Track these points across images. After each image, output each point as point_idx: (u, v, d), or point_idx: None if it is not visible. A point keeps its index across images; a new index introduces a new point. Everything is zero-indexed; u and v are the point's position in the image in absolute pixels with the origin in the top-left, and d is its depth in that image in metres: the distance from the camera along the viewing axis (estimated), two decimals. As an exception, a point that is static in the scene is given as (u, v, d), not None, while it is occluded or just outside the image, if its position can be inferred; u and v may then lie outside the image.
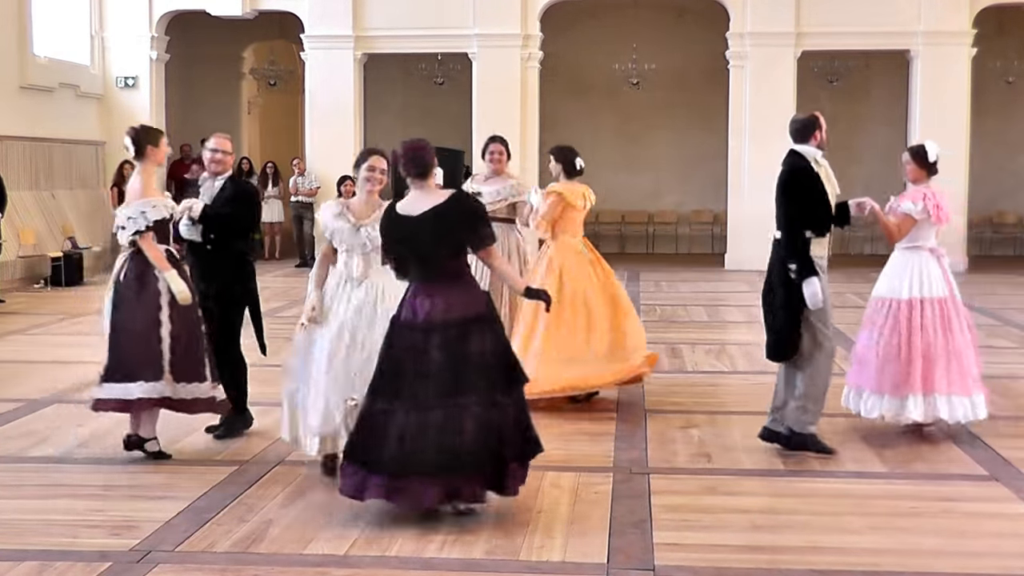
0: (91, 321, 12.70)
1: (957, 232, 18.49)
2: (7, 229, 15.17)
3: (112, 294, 6.58)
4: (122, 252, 6.65)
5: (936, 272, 7.21)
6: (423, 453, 5.32)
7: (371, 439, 5.42)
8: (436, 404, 5.36)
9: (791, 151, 6.76)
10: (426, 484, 5.33)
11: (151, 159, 6.66)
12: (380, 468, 5.37)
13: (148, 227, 6.47)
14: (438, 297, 5.46)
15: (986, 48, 19.11)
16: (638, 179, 22.17)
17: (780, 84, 18.59)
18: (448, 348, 5.40)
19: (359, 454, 5.43)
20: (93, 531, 5.39)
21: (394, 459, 5.35)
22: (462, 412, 5.35)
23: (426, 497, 5.36)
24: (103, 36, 19.25)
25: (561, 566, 4.94)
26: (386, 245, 5.73)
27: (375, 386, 5.50)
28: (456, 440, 5.33)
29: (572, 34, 21.16)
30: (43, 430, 7.41)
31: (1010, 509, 5.82)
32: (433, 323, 5.43)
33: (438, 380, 5.37)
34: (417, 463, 5.33)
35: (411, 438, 5.35)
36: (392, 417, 5.39)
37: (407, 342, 5.46)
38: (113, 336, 6.53)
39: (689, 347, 10.78)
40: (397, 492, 5.36)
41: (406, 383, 5.42)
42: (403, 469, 5.34)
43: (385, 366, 5.49)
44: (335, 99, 18.99)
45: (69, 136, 18.05)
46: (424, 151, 5.64)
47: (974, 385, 7.15)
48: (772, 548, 5.17)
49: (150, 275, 6.49)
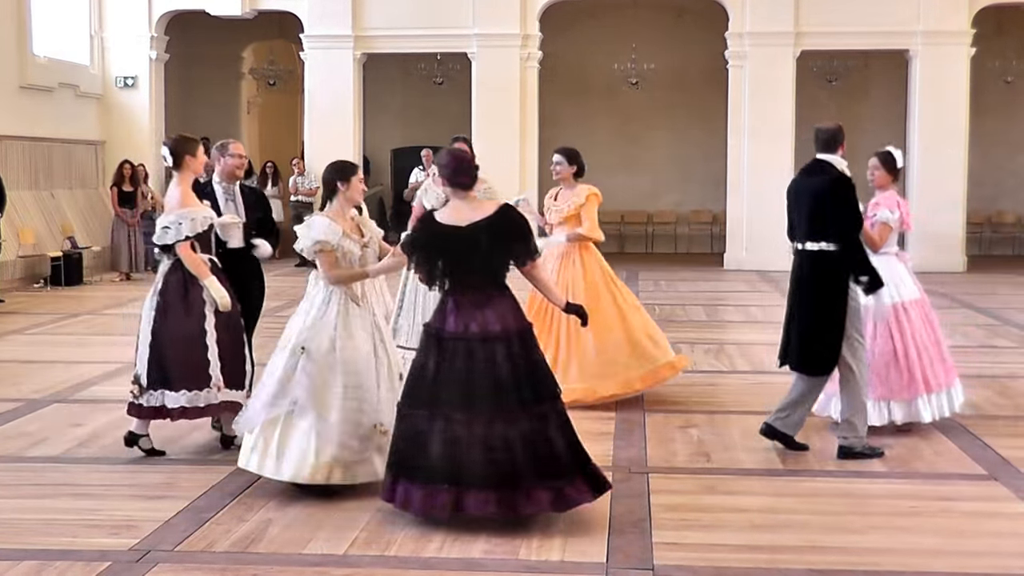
0: (91, 321, 12.71)
1: (956, 232, 18.54)
2: (7, 229, 15.17)
3: (155, 301, 6.59)
4: (164, 260, 6.69)
5: (907, 276, 7.30)
6: (474, 465, 5.27)
7: (415, 450, 5.36)
8: (486, 416, 5.31)
9: (820, 161, 6.69)
10: (479, 494, 5.26)
11: (189, 168, 6.67)
12: (431, 478, 5.30)
13: (187, 237, 6.49)
14: (488, 310, 5.41)
15: (985, 48, 19.11)
16: (637, 179, 22.16)
17: (779, 84, 18.60)
18: (503, 359, 5.36)
19: (406, 467, 5.38)
20: (92, 531, 5.39)
21: (443, 470, 5.28)
22: (511, 425, 5.31)
23: (480, 506, 5.26)
24: (102, 36, 19.25)
25: (560, 565, 4.94)
26: (423, 255, 5.53)
27: (416, 397, 5.43)
28: (504, 453, 5.29)
29: (571, 34, 21.16)
30: (42, 430, 7.40)
31: (1009, 509, 5.82)
32: (489, 335, 5.38)
33: (488, 391, 5.34)
34: (469, 474, 5.27)
35: (459, 449, 5.29)
36: (434, 427, 5.33)
37: (454, 354, 5.38)
38: (155, 344, 6.54)
39: (688, 347, 10.77)
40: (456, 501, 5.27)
41: (453, 394, 5.35)
42: (455, 480, 5.27)
43: (430, 378, 5.41)
44: (334, 99, 18.98)
45: (68, 136, 18.05)
46: (472, 162, 5.65)
47: (953, 372, 7.40)
48: (771, 547, 5.17)
49: (195, 284, 6.53)
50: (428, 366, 5.44)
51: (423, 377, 5.45)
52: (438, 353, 5.43)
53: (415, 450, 5.38)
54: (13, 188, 15.67)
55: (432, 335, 5.49)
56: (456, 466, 5.28)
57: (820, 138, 6.72)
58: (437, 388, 5.39)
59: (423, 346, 5.54)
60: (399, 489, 5.39)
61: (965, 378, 9.05)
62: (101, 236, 17.83)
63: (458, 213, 5.52)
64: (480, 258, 5.42)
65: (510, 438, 5.29)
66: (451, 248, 5.44)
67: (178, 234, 6.48)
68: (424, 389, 5.42)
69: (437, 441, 5.32)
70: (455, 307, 5.46)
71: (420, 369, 5.48)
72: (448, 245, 5.45)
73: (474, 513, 5.28)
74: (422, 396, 5.42)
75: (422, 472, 5.33)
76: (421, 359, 5.51)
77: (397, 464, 5.45)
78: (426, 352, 5.49)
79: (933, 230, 18.45)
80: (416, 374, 5.50)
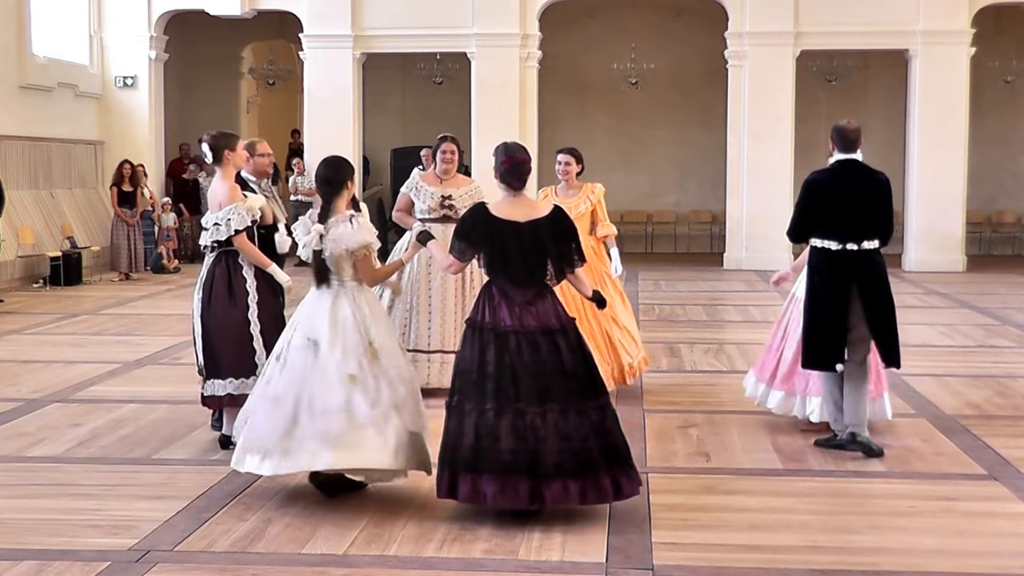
0: (90, 321, 12.71)
1: (956, 232, 18.53)
2: (6, 229, 15.17)
3: (202, 295, 6.76)
4: (208, 255, 6.82)
5: None
6: (553, 455, 5.33)
7: (482, 444, 5.38)
8: (559, 406, 5.40)
9: (856, 161, 6.71)
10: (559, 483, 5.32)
11: (230, 163, 6.74)
12: (508, 471, 5.33)
13: (238, 230, 6.62)
14: (540, 304, 5.53)
15: (985, 47, 19.11)
16: (637, 178, 22.17)
17: (779, 84, 18.59)
18: (567, 351, 5.48)
19: (468, 461, 5.39)
20: (91, 531, 5.38)
21: (520, 462, 5.33)
22: (582, 415, 5.42)
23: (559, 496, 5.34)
24: (102, 36, 19.23)
25: (560, 565, 4.94)
26: (478, 246, 5.59)
27: (476, 392, 5.44)
28: (581, 443, 5.38)
29: (571, 34, 21.16)
30: (41, 430, 7.40)
31: (1009, 508, 5.82)
32: (547, 327, 5.49)
33: (559, 383, 5.43)
34: (547, 465, 5.33)
35: (536, 441, 5.34)
36: (502, 420, 5.37)
37: (519, 347, 5.44)
38: (206, 336, 6.74)
39: (688, 346, 10.78)
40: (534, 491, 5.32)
41: (524, 387, 5.40)
42: (533, 471, 5.33)
43: (491, 372, 5.44)
44: (334, 99, 18.97)
45: (68, 136, 18.04)
46: (524, 165, 5.71)
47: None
48: (771, 547, 5.17)
49: (239, 276, 6.71)
50: (488, 360, 5.46)
51: (482, 372, 5.46)
52: (498, 346, 5.46)
53: (484, 443, 5.38)
54: (12, 188, 15.67)
55: (487, 330, 5.52)
56: (534, 457, 5.33)
57: (850, 137, 6.71)
58: (503, 381, 5.42)
59: (473, 341, 5.54)
60: (464, 482, 5.39)
61: (965, 378, 9.10)
62: (100, 236, 17.83)
63: (514, 209, 5.64)
64: (536, 255, 5.55)
65: (583, 427, 5.41)
66: (508, 242, 5.55)
67: (229, 229, 6.62)
68: (487, 383, 5.44)
69: (508, 434, 5.36)
70: (505, 301, 5.53)
71: (477, 364, 5.49)
72: (505, 237, 5.55)
73: (551, 505, 5.36)
74: (486, 390, 5.43)
75: (494, 465, 5.35)
76: (474, 355, 5.51)
77: (460, 459, 5.42)
78: (480, 346, 5.50)
79: (933, 230, 18.49)
80: (471, 369, 5.50)
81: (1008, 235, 21.95)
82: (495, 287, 5.59)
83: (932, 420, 7.64)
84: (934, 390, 8.59)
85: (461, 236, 5.67)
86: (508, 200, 5.70)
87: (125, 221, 16.97)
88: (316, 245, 5.84)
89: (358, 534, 5.29)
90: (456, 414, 5.50)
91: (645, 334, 10.87)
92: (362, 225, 5.87)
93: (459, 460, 5.42)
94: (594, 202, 8.41)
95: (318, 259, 5.87)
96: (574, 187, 8.45)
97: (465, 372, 5.53)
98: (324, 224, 5.87)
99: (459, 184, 8.63)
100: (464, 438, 5.42)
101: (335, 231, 5.83)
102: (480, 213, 5.69)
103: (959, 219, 18.51)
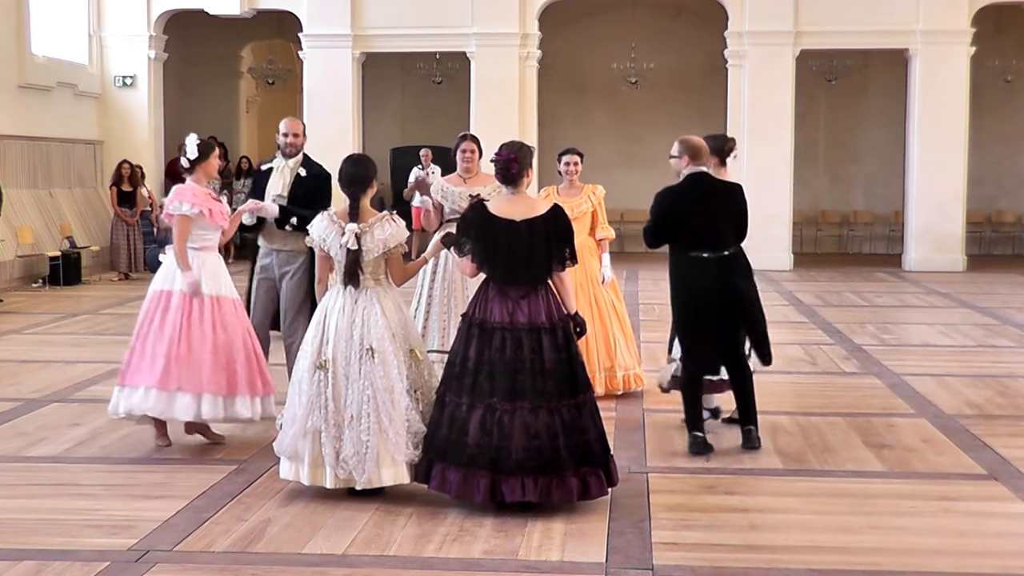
0: (89, 321, 12.70)
1: (956, 231, 18.53)
2: (5, 228, 15.16)
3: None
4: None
5: None
6: (515, 452, 5.40)
7: (454, 435, 5.49)
8: (530, 404, 5.46)
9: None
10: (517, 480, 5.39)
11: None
12: (470, 463, 5.44)
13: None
14: (534, 301, 5.58)
15: (985, 47, 19.11)
16: (637, 178, 22.10)
17: (779, 83, 18.58)
18: (549, 349, 5.52)
19: (443, 451, 5.51)
20: (91, 530, 5.37)
21: (482, 456, 5.42)
22: (553, 413, 5.48)
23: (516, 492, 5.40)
24: (101, 35, 19.23)
25: (559, 565, 4.93)
26: (477, 244, 5.62)
27: (457, 385, 5.54)
28: (548, 440, 5.45)
29: (570, 33, 21.15)
30: (41, 430, 7.39)
31: (1009, 508, 5.81)
32: (536, 325, 5.54)
33: (533, 381, 5.48)
34: (508, 461, 5.40)
35: (501, 436, 5.42)
36: (473, 414, 5.46)
37: (502, 343, 5.51)
38: None
39: (688, 346, 10.75)
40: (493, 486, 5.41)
41: (498, 383, 5.47)
42: (494, 466, 5.41)
43: (471, 367, 5.52)
44: (333, 98, 18.96)
45: (67, 135, 18.03)
46: (518, 163, 5.72)
47: None
48: (771, 547, 5.17)
49: None
50: (470, 355, 5.56)
51: (464, 365, 5.56)
52: (481, 342, 5.55)
53: (454, 435, 5.50)
54: (12, 187, 15.67)
55: (475, 324, 5.60)
56: (496, 452, 5.42)
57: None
58: (480, 377, 5.52)
59: (463, 335, 5.65)
60: (435, 471, 5.55)
61: (965, 377, 9.09)
62: (100, 236, 17.83)
63: (512, 207, 5.69)
64: (533, 252, 5.59)
65: (553, 426, 5.47)
66: (505, 240, 5.60)
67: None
68: (466, 377, 5.54)
69: (477, 427, 5.46)
70: (499, 297, 5.59)
71: (461, 358, 5.60)
72: (502, 237, 5.61)
73: (509, 499, 5.42)
74: (464, 384, 5.54)
75: (460, 456, 5.47)
76: (461, 348, 5.62)
77: (435, 448, 5.57)
78: (467, 341, 5.60)
79: (933, 229, 18.47)
80: (456, 362, 5.61)
81: (1008, 235, 21.94)
82: (492, 283, 5.66)
83: (932, 420, 7.64)
84: (934, 390, 8.59)
85: (462, 236, 5.72)
86: (507, 198, 5.76)
87: (125, 221, 16.97)
88: (352, 244, 5.74)
89: (358, 534, 5.29)
90: (439, 404, 5.65)
91: (645, 334, 10.88)
92: (399, 223, 5.88)
93: (433, 448, 5.59)
94: (595, 203, 8.41)
95: (351, 258, 5.75)
96: (576, 187, 8.45)
97: (451, 364, 5.67)
98: (357, 224, 5.79)
99: (484, 182, 8.61)
100: (440, 428, 5.58)
101: (381, 232, 5.76)
102: (478, 211, 5.74)
103: (959, 219, 18.49)
